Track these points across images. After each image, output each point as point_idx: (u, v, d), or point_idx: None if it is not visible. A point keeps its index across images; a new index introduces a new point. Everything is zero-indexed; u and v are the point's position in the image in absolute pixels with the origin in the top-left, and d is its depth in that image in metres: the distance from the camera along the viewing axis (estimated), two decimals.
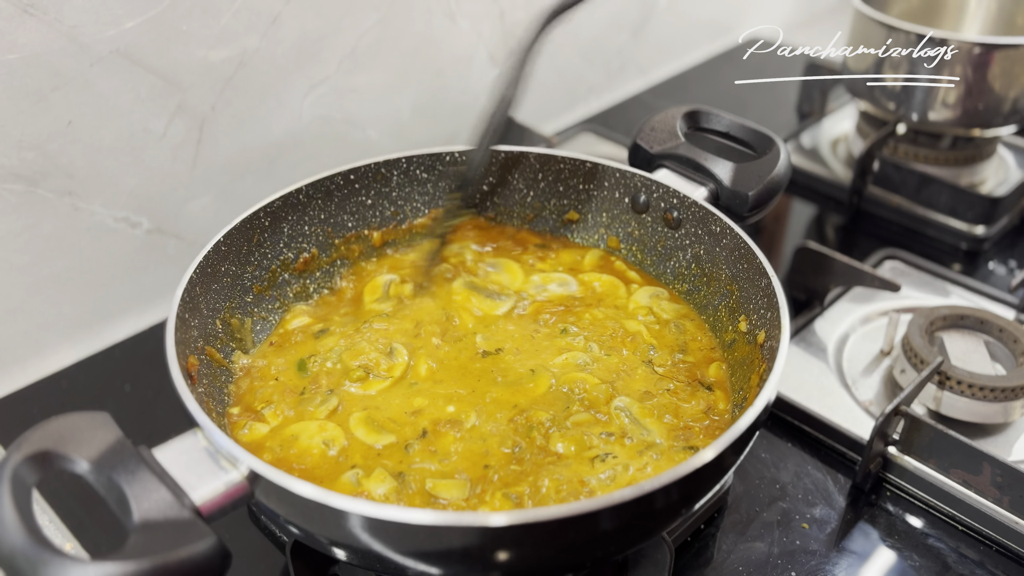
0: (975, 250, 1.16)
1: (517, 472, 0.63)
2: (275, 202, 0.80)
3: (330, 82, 1.07)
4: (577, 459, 0.64)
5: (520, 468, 0.63)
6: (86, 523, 0.76)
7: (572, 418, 0.68)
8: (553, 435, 0.66)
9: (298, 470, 0.64)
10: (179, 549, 0.47)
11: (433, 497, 0.61)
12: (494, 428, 0.67)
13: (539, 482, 0.62)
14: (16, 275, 0.89)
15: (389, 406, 0.69)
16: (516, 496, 0.61)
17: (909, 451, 0.80)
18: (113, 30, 0.85)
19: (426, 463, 0.64)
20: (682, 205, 0.82)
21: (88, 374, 0.93)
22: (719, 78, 1.58)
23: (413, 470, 0.63)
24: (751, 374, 0.70)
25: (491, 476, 0.63)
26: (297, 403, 0.70)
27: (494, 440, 0.66)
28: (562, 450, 0.65)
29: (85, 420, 0.52)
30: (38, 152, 0.85)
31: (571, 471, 0.63)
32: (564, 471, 0.63)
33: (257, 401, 0.70)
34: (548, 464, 0.64)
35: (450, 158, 0.88)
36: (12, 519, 0.46)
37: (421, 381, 0.72)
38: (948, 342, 0.90)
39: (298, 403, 0.70)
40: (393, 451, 0.65)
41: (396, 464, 0.64)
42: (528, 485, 0.62)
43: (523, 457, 0.64)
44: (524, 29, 0.69)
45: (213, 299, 0.74)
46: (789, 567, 0.73)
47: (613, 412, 0.69)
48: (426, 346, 0.75)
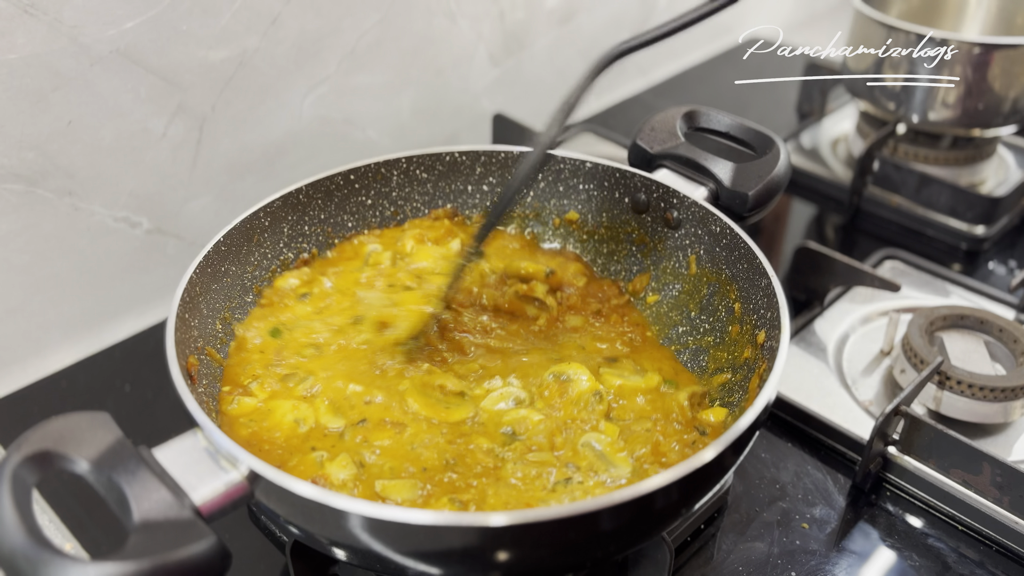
0: (975, 250, 1.16)
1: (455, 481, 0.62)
2: (275, 202, 0.80)
3: (330, 82, 1.07)
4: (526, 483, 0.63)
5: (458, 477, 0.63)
6: (86, 523, 0.76)
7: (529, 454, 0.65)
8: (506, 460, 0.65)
9: (268, 443, 0.64)
10: (179, 549, 0.47)
11: (382, 499, 0.60)
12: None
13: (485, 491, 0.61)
14: (16, 275, 0.89)
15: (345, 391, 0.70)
16: (461, 503, 0.60)
17: (909, 451, 0.80)
18: (113, 30, 0.85)
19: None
20: (682, 205, 0.82)
21: (88, 374, 0.93)
22: (719, 78, 1.58)
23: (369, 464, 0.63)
24: (751, 374, 0.70)
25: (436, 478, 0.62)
26: (280, 379, 0.71)
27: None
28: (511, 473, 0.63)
29: (85, 420, 0.52)
30: (38, 152, 0.85)
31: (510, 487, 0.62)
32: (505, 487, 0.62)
33: (244, 376, 0.71)
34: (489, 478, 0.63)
35: (450, 158, 0.88)
36: (12, 519, 0.46)
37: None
38: (948, 342, 0.90)
39: (281, 379, 0.71)
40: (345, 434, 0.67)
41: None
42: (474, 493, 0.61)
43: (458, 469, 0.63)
44: (577, 75, 0.67)
45: (213, 299, 0.74)
46: (789, 567, 0.73)
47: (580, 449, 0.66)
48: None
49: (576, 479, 0.62)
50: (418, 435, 0.66)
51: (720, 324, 0.78)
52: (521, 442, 0.66)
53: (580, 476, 0.62)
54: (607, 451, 0.65)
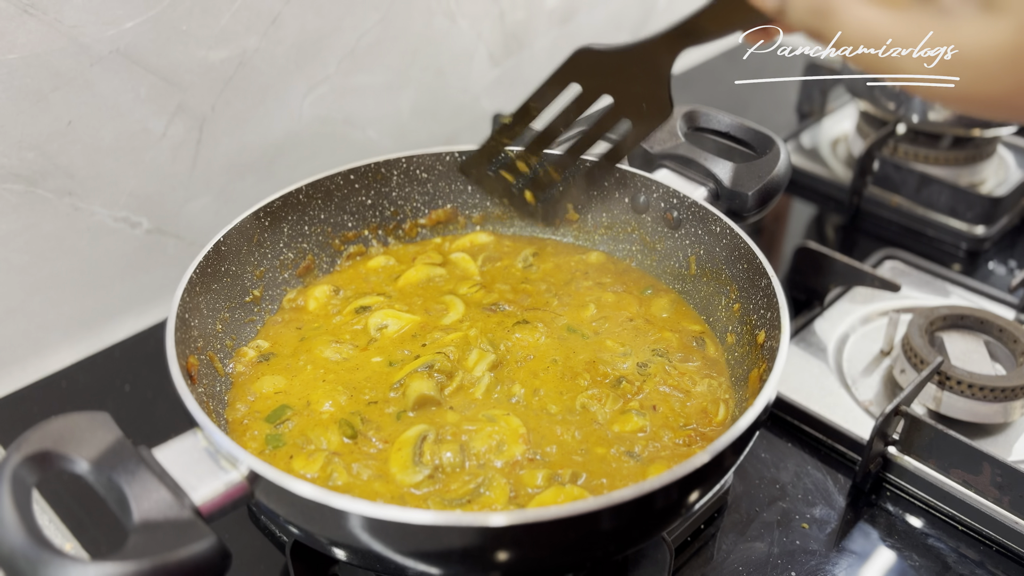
0: (975, 250, 1.16)
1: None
2: (275, 202, 0.80)
3: (330, 82, 1.07)
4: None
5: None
6: (86, 523, 0.76)
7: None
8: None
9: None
10: (179, 549, 0.47)
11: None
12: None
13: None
14: (16, 275, 0.89)
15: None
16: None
17: (909, 451, 0.80)
18: (113, 30, 0.85)
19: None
20: (682, 205, 0.82)
21: (88, 374, 0.93)
22: (719, 78, 1.58)
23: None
24: (751, 374, 0.70)
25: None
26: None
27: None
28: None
29: (85, 420, 0.52)
30: (38, 152, 0.85)
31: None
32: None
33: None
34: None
35: (450, 158, 0.88)
36: (12, 519, 0.46)
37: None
38: (948, 342, 0.90)
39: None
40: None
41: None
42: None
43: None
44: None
45: (213, 299, 0.74)
46: (789, 567, 0.73)
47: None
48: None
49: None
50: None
51: (720, 325, 0.78)
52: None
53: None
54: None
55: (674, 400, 0.71)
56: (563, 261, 0.88)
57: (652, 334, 0.78)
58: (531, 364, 0.73)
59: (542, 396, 0.70)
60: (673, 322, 0.80)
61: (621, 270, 0.87)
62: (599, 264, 0.87)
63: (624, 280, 0.85)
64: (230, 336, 0.75)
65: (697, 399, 0.71)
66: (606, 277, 0.85)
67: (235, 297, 0.77)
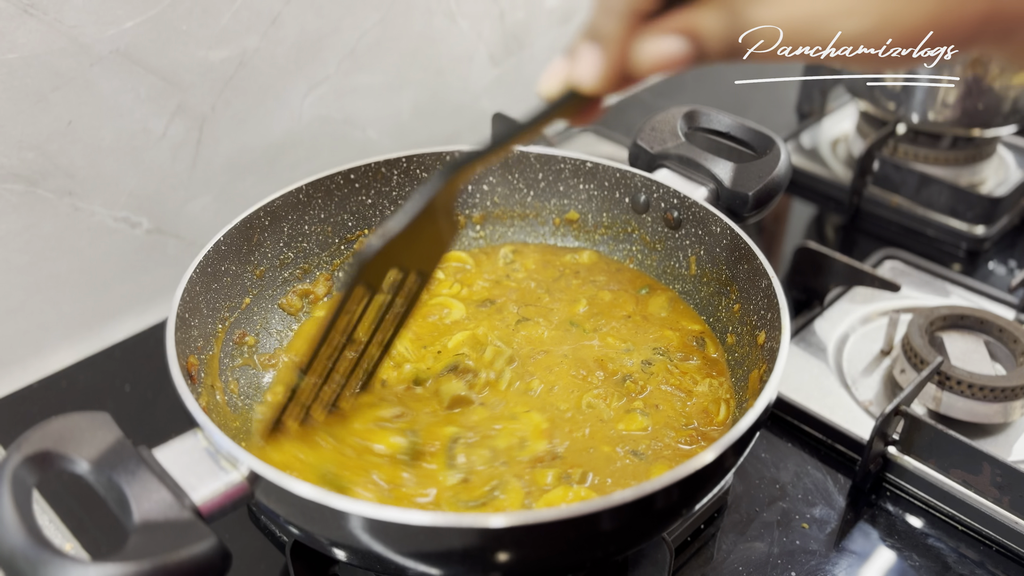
0: (975, 250, 1.16)
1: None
2: (275, 202, 0.79)
3: (330, 82, 1.07)
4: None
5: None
6: (86, 523, 0.76)
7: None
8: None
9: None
10: (179, 550, 0.47)
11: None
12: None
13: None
14: (16, 275, 0.89)
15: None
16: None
17: (909, 451, 0.80)
18: (113, 30, 0.85)
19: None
20: (682, 205, 0.82)
21: (88, 374, 0.93)
22: (719, 78, 1.58)
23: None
24: (751, 375, 0.70)
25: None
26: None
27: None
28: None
29: (85, 420, 0.52)
30: (38, 152, 0.85)
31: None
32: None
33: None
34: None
35: (450, 158, 0.88)
36: (12, 519, 0.46)
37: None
38: (948, 342, 0.90)
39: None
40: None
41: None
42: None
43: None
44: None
45: (213, 299, 0.74)
46: (789, 567, 0.73)
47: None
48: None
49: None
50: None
51: (720, 325, 0.78)
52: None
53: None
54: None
55: (676, 399, 0.71)
56: (549, 259, 0.88)
57: (652, 332, 0.78)
58: (544, 360, 0.74)
59: (555, 392, 0.71)
60: (672, 321, 0.80)
61: (614, 269, 0.87)
62: (591, 264, 0.87)
63: (619, 279, 0.85)
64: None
65: (699, 399, 0.71)
66: (599, 276, 0.86)
67: (235, 297, 0.77)
